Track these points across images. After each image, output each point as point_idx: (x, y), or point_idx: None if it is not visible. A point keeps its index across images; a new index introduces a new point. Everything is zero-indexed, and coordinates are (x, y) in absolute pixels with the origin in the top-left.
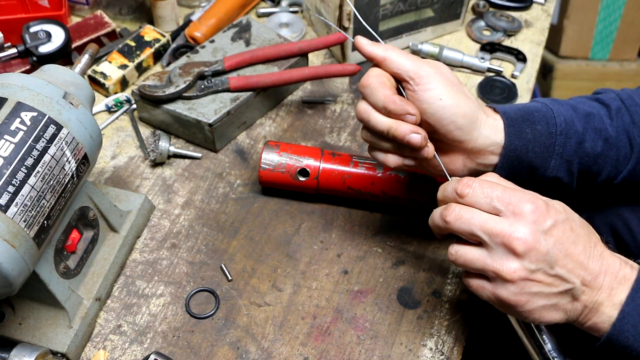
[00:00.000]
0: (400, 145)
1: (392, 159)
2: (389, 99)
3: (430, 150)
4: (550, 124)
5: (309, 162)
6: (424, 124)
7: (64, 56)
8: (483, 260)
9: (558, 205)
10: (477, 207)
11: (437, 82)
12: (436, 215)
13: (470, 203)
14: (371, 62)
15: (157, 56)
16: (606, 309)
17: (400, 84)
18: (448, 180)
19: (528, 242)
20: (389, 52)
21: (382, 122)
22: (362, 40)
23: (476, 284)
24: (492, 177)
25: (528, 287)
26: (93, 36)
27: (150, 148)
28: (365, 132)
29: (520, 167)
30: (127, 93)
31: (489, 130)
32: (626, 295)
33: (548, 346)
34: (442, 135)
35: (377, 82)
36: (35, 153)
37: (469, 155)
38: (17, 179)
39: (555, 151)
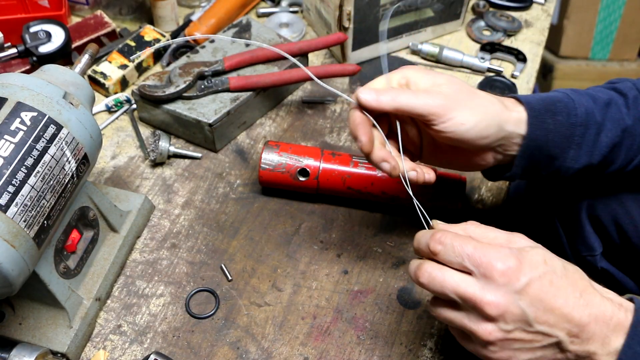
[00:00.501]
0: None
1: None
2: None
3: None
4: (571, 115)
5: (309, 162)
6: (449, 143)
7: (64, 56)
8: (460, 321)
9: (536, 256)
10: (450, 265)
11: (453, 110)
12: (411, 272)
13: (443, 261)
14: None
15: (157, 56)
16: (601, 357)
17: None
18: (425, 226)
19: (500, 305)
20: (397, 101)
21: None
22: (367, 98)
23: (461, 340)
24: (470, 226)
25: (508, 345)
26: (93, 36)
27: (150, 148)
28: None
29: (539, 156)
30: (127, 93)
31: (512, 125)
32: (622, 343)
33: None
34: (472, 147)
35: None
36: (35, 153)
37: (497, 150)
38: (17, 179)
39: (574, 141)
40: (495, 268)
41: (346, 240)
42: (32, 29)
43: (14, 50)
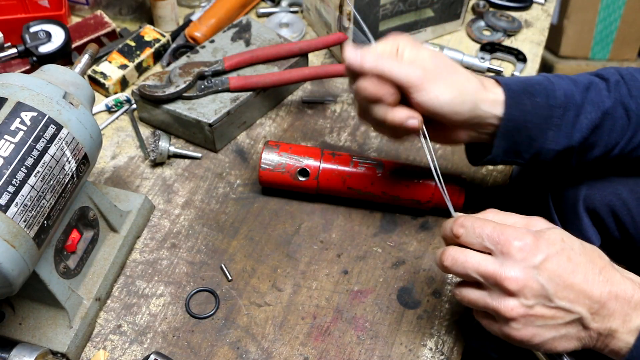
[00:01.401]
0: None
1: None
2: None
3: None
4: (550, 97)
5: (309, 162)
6: (426, 115)
7: (64, 56)
8: (484, 300)
9: (553, 235)
10: (471, 247)
11: (431, 82)
12: (436, 259)
13: (465, 243)
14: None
15: (157, 56)
16: (622, 335)
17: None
18: (452, 216)
19: (519, 280)
20: (379, 65)
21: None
22: (352, 56)
23: (485, 322)
24: (490, 213)
25: (531, 322)
26: (93, 36)
27: (150, 148)
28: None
29: (518, 137)
30: (127, 93)
31: (488, 105)
32: None
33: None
34: (446, 121)
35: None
36: (35, 153)
37: (470, 128)
38: (17, 179)
39: (553, 123)
40: (513, 245)
41: (346, 240)
42: (32, 29)
43: (14, 50)
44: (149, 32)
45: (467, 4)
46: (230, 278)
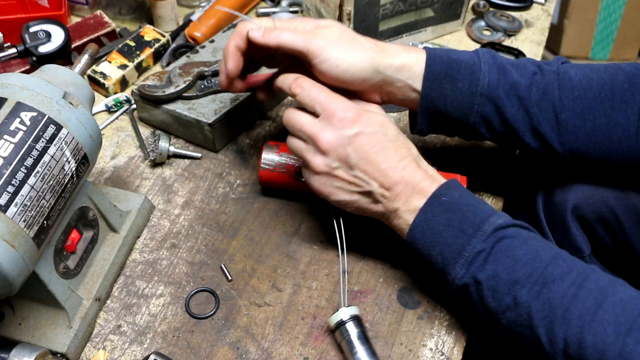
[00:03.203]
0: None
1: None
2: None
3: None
4: (473, 84)
5: None
6: (334, 85)
7: (63, 56)
8: (301, 151)
9: (375, 118)
10: (304, 107)
11: (330, 51)
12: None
13: (300, 101)
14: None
15: (157, 56)
16: (403, 213)
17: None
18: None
19: (331, 143)
20: (281, 37)
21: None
22: (255, 34)
23: (302, 168)
24: (372, 107)
25: (331, 181)
26: (93, 36)
27: (150, 148)
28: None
29: (439, 116)
30: (126, 93)
31: (393, 71)
32: (422, 203)
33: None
34: (353, 88)
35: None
36: (34, 153)
37: (382, 92)
38: (16, 179)
39: (474, 110)
40: (336, 114)
41: (346, 240)
42: (32, 29)
43: (13, 50)
44: (148, 32)
45: (467, 3)
46: (230, 278)
